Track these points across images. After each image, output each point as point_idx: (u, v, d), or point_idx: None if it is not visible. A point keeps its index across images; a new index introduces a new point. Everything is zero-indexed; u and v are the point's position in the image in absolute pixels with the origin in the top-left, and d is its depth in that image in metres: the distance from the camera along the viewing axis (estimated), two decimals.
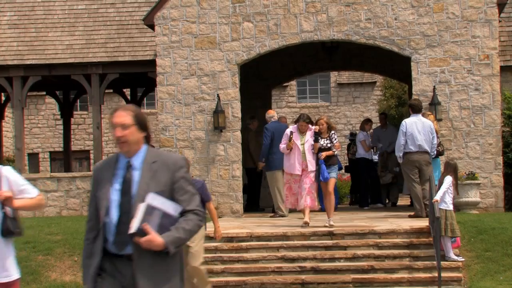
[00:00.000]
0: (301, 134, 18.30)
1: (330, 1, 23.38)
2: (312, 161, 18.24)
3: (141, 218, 6.35)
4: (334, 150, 18.32)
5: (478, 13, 22.99)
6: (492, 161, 22.87)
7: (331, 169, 18.34)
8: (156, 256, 6.67)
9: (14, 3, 28.79)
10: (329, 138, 18.24)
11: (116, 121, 6.52)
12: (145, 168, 6.71)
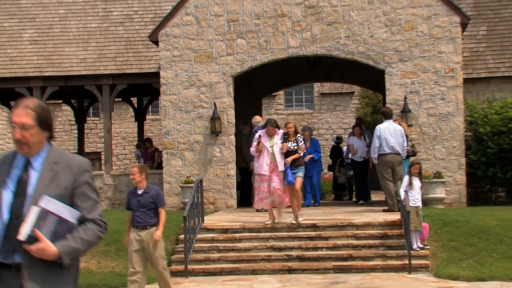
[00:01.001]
0: (269, 137, 18.18)
1: (314, 20, 23.45)
2: (281, 161, 18.02)
3: (33, 223, 5.22)
4: (300, 152, 18.27)
5: (443, 31, 23.09)
6: (456, 162, 22.96)
7: (298, 169, 18.25)
8: (48, 267, 5.45)
9: (34, 22, 28.79)
10: (296, 141, 18.15)
11: (16, 121, 5.43)
12: (45, 169, 5.60)
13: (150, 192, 13.35)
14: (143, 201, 13.13)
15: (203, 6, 23.80)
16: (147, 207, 13.15)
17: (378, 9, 23.28)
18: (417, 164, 17.94)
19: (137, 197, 13.22)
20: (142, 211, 13.11)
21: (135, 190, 13.36)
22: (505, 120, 22.93)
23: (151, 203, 13.18)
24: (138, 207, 13.14)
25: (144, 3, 29.43)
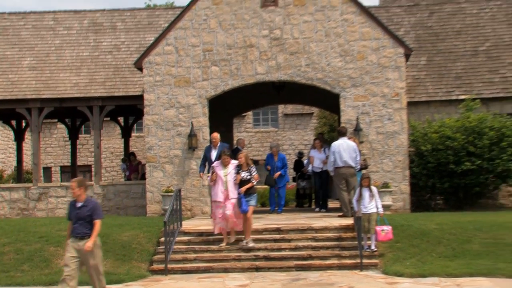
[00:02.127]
0: (224, 166, 18.02)
1: (278, 50, 23.51)
2: (233, 190, 17.76)
3: None
4: (253, 181, 17.87)
5: (390, 61, 23.23)
6: (401, 173, 23.08)
7: (251, 197, 17.89)
8: None
9: (33, 50, 28.69)
10: (249, 171, 17.83)
11: None
12: None
13: (88, 205, 12.86)
14: (81, 214, 12.71)
15: (182, 38, 23.81)
16: (85, 219, 12.70)
17: (334, 41, 23.40)
18: (367, 178, 17.94)
19: (76, 210, 12.81)
20: (80, 223, 12.69)
21: (75, 203, 12.91)
22: (443, 138, 23.07)
23: (88, 216, 12.72)
24: (77, 219, 12.71)
25: (130, 34, 29.41)
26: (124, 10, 31.07)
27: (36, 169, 26.76)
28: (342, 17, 23.47)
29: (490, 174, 23.04)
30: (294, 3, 23.57)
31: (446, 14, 29.37)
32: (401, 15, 29.64)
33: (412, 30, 28.58)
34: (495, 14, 28.90)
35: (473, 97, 24.93)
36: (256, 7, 23.68)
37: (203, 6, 23.85)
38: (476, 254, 17.13)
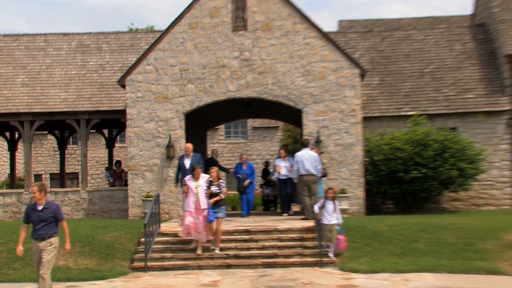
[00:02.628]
0: (195, 179, 17.95)
1: (247, 70, 23.59)
2: (203, 200, 17.70)
3: None
4: (222, 195, 17.83)
5: (347, 80, 23.39)
6: (357, 181, 23.20)
7: (219, 209, 17.81)
8: None
9: (26, 69, 28.50)
10: (219, 185, 17.78)
11: None
12: None
13: (50, 207, 12.58)
14: (43, 216, 12.38)
15: (161, 58, 23.82)
16: (47, 221, 12.41)
17: (297, 63, 23.53)
18: (330, 189, 17.97)
19: (37, 213, 12.42)
20: (43, 224, 12.37)
21: (35, 206, 12.52)
22: (393, 149, 23.23)
23: (51, 217, 12.45)
24: (39, 221, 12.37)
25: (114, 55, 29.36)
26: (108, 33, 31.03)
27: (28, 176, 26.60)
28: (305, 41, 23.62)
29: (434, 181, 23.22)
30: (262, 28, 23.70)
31: (396, 39, 29.68)
32: (357, 40, 29.88)
33: (366, 53, 28.81)
34: (438, 40, 29.25)
35: (419, 113, 25.16)
36: (228, 31, 23.77)
37: (180, 30, 23.90)
38: (422, 252, 17.33)
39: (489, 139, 25.89)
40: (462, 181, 23.45)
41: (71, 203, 25.48)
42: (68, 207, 25.33)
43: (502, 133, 25.98)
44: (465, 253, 17.05)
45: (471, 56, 28.08)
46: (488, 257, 16.77)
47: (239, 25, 23.78)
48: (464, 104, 26.20)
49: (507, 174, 25.88)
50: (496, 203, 25.92)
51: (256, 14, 23.75)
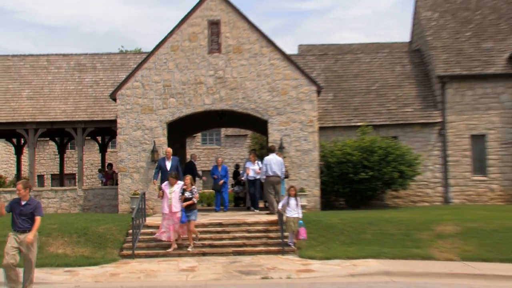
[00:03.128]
0: (171, 186, 17.71)
1: (221, 86, 23.56)
2: (175, 204, 17.39)
3: None
4: (194, 200, 17.47)
5: (306, 96, 23.46)
6: (314, 181, 23.25)
7: (192, 212, 17.31)
8: None
9: (30, 84, 28.22)
10: (191, 191, 17.39)
11: None
12: None
13: (31, 204, 12.23)
14: (24, 211, 12.05)
15: (147, 76, 23.70)
16: (27, 215, 12.04)
17: (264, 80, 23.55)
18: (292, 187, 17.98)
19: (20, 207, 12.12)
20: (23, 218, 12.02)
21: (19, 201, 12.19)
22: (345, 154, 23.33)
23: (31, 213, 12.07)
24: (20, 215, 12.04)
25: (107, 73, 29.17)
26: (102, 54, 30.84)
27: (32, 176, 26.33)
28: (270, 62, 23.65)
29: (379, 181, 23.35)
30: (233, 50, 23.69)
31: (347, 61, 29.84)
32: (314, 61, 29.98)
33: (322, 73, 28.92)
34: (382, 62, 29.46)
35: (366, 124, 25.33)
36: (204, 53, 23.73)
37: (164, 52, 23.80)
38: (368, 241, 17.43)
39: (424, 146, 26.16)
40: (402, 182, 23.64)
41: (69, 200, 25.29)
42: (66, 203, 25.18)
43: (434, 141, 26.25)
44: (403, 242, 17.21)
45: (409, 76, 28.32)
46: (422, 245, 16.96)
47: (214, 48, 23.77)
48: (404, 117, 26.42)
49: (438, 176, 26.16)
50: (429, 200, 26.16)
51: (229, 39, 23.75)
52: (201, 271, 14.92)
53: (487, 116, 26.22)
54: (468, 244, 16.86)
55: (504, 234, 17.43)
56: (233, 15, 23.81)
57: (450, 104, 26.34)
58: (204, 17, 23.85)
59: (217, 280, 13.95)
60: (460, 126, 26.21)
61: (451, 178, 26.09)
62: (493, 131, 26.17)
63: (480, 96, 26.34)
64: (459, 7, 29.69)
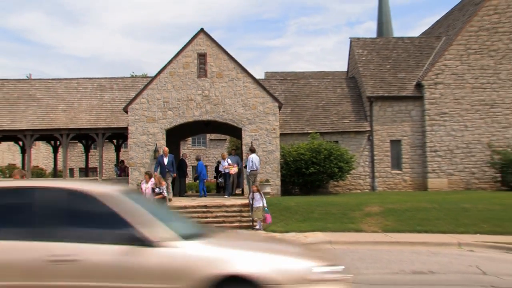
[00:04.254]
0: (146, 183, 17.22)
1: (207, 102, 23.39)
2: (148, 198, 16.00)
3: None
4: (164, 194, 16.80)
5: (270, 110, 23.38)
6: (276, 174, 23.17)
7: None
8: None
9: (64, 101, 27.70)
10: (159, 188, 16.68)
11: None
12: None
13: None
14: None
15: (151, 94, 23.43)
16: None
17: (239, 98, 23.43)
18: (254, 185, 18.08)
19: None
20: None
21: None
22: (299, 154, 23.34)
23: None
24: None
25: (121, 92, 28.75)
26: (117, 78, 30.43)
27: (65, 169, 26.02)
28: (244, 84, 23.53)
29: (324, 174, 23.39)
30: (216, 76, 23.53)
31: (301, 85, 29.82)
32: (277, 84, 29.92)
33: (282, 93, 28.86)
34: (327, 86, 29.50)
35: (315, 131, 25.36)
36: (194, 77, 23.53)
37: (164, 76, 23.56)
38: (316, 219, 17.47)
39: (357, 148, 26.25)
40: (341, 175, 23.72)
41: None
42: None
43: (364, 145, 26.37)
44: (342, 219, 17.31)
45: (346, 96, 28.41)
46: (355, 221, 17.06)
47: (201, 73, 23.58)
48: (342, 126, 26.49)
49: (367, 170, 26.31)
50: (361, 188, 26.28)
51: (213, 67, 23.58)
52: None
53: (402, 127, 26.45)
54: (387, 220, 17.03)
55: (412, 212, 17.71)
56: (216, 49, 23.67)
57: (375, 117, 26.49)
58: (194, 51, 23.66)
59: None
60: (383, 134, 26.38)
61: (376, 172, 26.25)
62: (406, 137, 26.39)
63: (397, 112, 26.54)
64: (381, 47, 29.92)
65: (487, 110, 26.16)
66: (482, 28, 26.48)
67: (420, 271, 10.71)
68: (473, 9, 27.64)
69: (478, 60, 26.36)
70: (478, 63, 26.35)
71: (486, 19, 26.51)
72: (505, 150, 25.33)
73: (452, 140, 26.07)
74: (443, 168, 25.94)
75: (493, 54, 26.36)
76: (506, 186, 24.92)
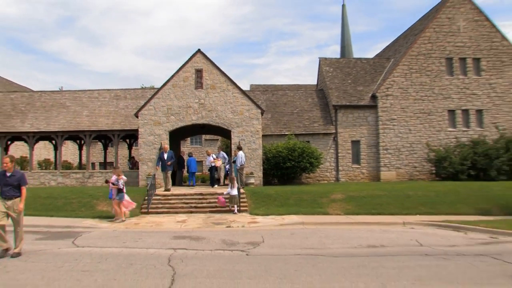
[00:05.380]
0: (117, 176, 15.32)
1: (202, 109, 23.23)
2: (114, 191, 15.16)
3: None
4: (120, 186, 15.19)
5: (254, 115, 23.29)
6: (258, 168, 23.08)
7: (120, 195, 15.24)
8: None
9: (87, 108, 27.32)
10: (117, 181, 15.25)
11: None
12: None
13: (16, 175, 9.68)
14: (10, 181, 9.55)
15: (157, 103, 23.23)
16: (13, 185, 9.55)
17: (228, 105, 23.32)
18: (233, 179, 17.74)
19: (6, 178, 9.61)
20: (9, 188, 9.55)
21: (5, 173, 9.66)
22: (278, 151, 23.32)
23: (17, 183, 9.56)
24: (6, 185, 9.59)
25: (133, 100, 28.37)
26: (130, 89, 30.05)
27: (88, 163, 25.55)
28: (233, 95, 23.44)
29: (298, 168, 23.38)
30: (210, 87, 23.39)
31: (280, 95, 29.77)
32: (260, 94, 29.84)
33: (264, 102, 28.80)
34: (301, 96, 29.51)
35: (291, 133, 25.36)
36: (192, 89, 23.36)
37: (167, 88, 23.37)
38: (291, 205, 17.43)
39: (325, 147, 26.30)
40: (311, 169, 23.72)
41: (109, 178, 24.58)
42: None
43: (330, 144, 26.44)
44: (312, 205, 17.28)
45: (316, 105, 28.46)
46: (323, 206, 17.06)
47: (198, 85, 23.43)
48: (313, 129, 26.51)
49: (333, 165, 26.38)
50: (327, 179, 26.34)
51: (207, 80, 23.45)
52: (189, 222, 14.71)
53: (360, 130, 26.56)
54: (349, 205, 17.07)
55: (368, 198, 17.77)
56: (211, 66, 23.54)
57: (339, 122, 26.57)
58: (192, 67, 23.50)
59: (199, 228, 13.79)
60: (345, 135, 26.47)
61: (340, 166, 26.32)
62: (363, 138, 26.52)
63: (356, 118, 26.66)
64: (344, 66, 30.01)
65: (425, 117, 26.52)
66: (420, 53, 26.86)
67: (373, 245, 10.81)
68: (413, 38, 28.05)
69: (418, 78, 26.72)
70: (418, 80, 26.70)
71: (423, 46, 26.91)
72: (438, 148, 25.68)
73: (399, 140, 26.32)
74: (392, 163, 26.16)
75: (429, 73, 26.76)
76: (438, 177, 25.32)
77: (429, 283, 7.32)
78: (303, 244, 10.82)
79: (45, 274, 8.02)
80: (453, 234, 12.66)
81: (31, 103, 28.40)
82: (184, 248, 10.36)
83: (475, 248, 10.49)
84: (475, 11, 27.36)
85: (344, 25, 49.26)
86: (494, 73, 27.06)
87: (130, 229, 13.70)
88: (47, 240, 11.64)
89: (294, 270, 8.19)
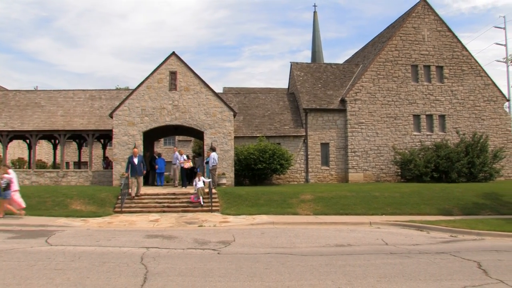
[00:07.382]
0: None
1: (176, 110, 23.06)
2: None
3: None
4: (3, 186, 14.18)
5: (227, 117, 23.28)
6: (230, 168, 23.07)
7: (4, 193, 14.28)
8: None
9: (63, 108, 26.56)
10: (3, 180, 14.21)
11: None
12: None
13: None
14: None
15: (132, 104, 22.92)
16: None
17: (202, 107, 23.23)
18: (199, 174, 18.08)
19: None
20: None
21: None
22: (249, 153, 23.36)
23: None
24: None
25: (108, 101, 27.78)
26: (105, 90, 29.46)
27: (62, 162, 24.92)
28: (206, 97, 23.37)
29: (268, 169, 23.49)
30: (184, 89, 23.25)
31: (252, 98, 29.84)
32: (232, 97, 29.84)
33: (237, 104, 28.81)
34: (272, 99, 29.66)
35: (262, 135, 25.45)
36: (166, 90, 23.16)
37: (142, 89, 23.10)
38: (262, 205, 17.49)
39: (295, 149, 26.52)
40: (282, 170, 23.87)
41: (83, 177, 23.94)
42: (82, 179, 23.86)
43: (301, 146, 26.68)
44: (282, 205, 17.37)
45: (287, 108, 28.67)
46: (292, 206, 17.18)
47: (172, 87, 23.25)
48: (284, 131, 26.69)
49: (302, 166, 26.63)
50: (297, 180, 26.55)
51: (181, 82, 23.30)
52: (162, 222, 14.59)
53: (330, 132, 26.93)
54: (318, 205, 17.25)
55: (337, 199, 17.99)
56: (185, 68, 23.40)
57: (309, 125, 26.86)
58: (167, 69, 23.31)
59: (172, 227, 13.69)
60: (315, 138, 26.77)
61: (309, 168, 26.60)
62: (332, 141, 26.89)
63: (326, 121, 27.01)
64: (314, 70, 30.39)
65: (392, 122, 27.12)
66: (387, 60, 27.47)
67: (341, 244, 10.99)
68: (381, 46, 28.67)
69: (385, 84, 27.31)
70: (385, 85, 27.29)
71: (390, 53, 27.55)
72: (404, 152, 26.31)
73: (367, 143, 26.82)
74: (360, 165, 26.62)
75: (396, 79, 27.40)
76: (404, 179, 25.95)
77: (394, 280, 7.51)
78: (273, 243, 10.89)
79: (17, 273, 7.80)
80: (417, 233, 13.01)
81: (5, 102, 27.52)
82: (157, 247, 10.28)
83: (437, 246, 10.84)
84: (438, 22, 28.22)
85: (315, 31, 49.88)
86: (456, 81, 27.98)
87: (104, 228, 13.49)
88: (20, 239, 11.32)
89: (264, 268, 8.25)
